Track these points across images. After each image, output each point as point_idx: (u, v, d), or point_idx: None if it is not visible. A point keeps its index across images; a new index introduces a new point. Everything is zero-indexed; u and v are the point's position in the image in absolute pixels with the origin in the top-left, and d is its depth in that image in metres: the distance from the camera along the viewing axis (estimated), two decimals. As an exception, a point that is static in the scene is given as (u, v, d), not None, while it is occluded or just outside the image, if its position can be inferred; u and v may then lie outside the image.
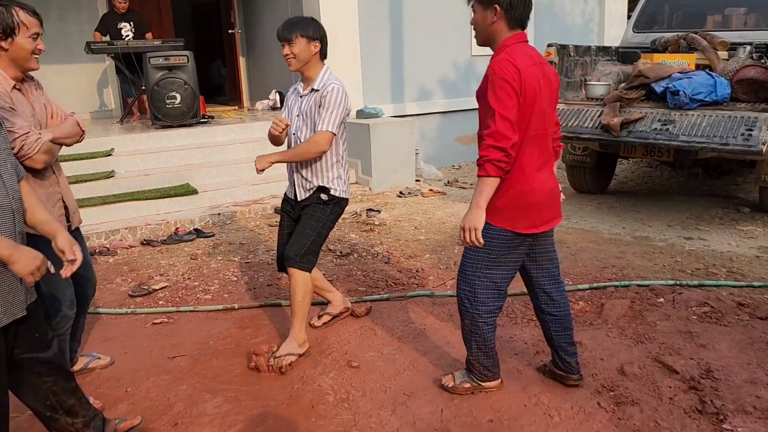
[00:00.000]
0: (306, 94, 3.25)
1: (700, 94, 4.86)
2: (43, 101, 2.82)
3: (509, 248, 2.61)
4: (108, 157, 6.35)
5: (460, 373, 2.90)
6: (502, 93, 2.39)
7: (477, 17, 2.54)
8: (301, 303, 3.21)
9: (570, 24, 9.69)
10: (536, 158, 2.56)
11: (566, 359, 2.86)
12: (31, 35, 2.59)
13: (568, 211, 5.92)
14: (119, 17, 8.15)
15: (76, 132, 2.85)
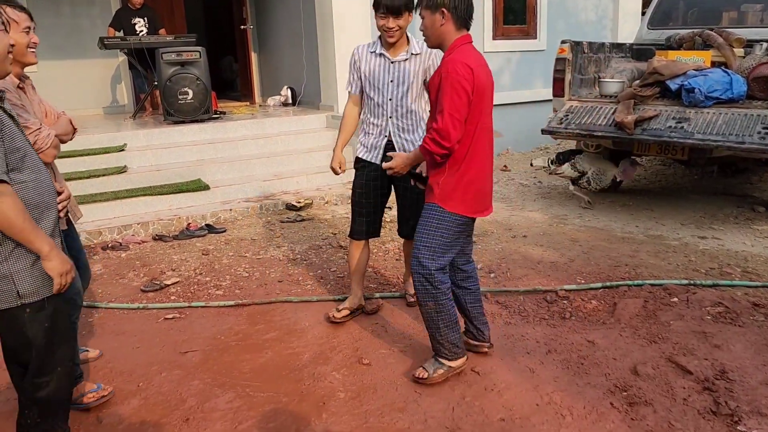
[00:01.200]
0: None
1: (716, 91, 4.81)
2: (37, 100, 2.85)
3: (460, 232, 2.86)
4: (120, 153, 6.38)
5: (430, 363, 2.97)
6: (454, 94, 2.61)
7: (426, 22, 2.73)
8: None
9: (583, 20, 9.61)
10: (486, 149, 2.82)
11: (480, 328, 3.13)
12: (23, 30, 2.61)
13: (580, 209, 5.88)
14: (133, 12, 8.17)
15: (69, 130, 2.89)
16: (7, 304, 2.04)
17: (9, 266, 2.02)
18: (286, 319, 3.70)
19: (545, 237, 5.06)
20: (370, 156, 3.50)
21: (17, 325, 2.09)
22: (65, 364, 2.24)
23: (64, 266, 2.08)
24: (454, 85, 2.61)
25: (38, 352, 2.13)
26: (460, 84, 2.61)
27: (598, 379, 2.90)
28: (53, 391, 2.20)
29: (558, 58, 5.70)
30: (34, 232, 2.00)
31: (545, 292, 3.90)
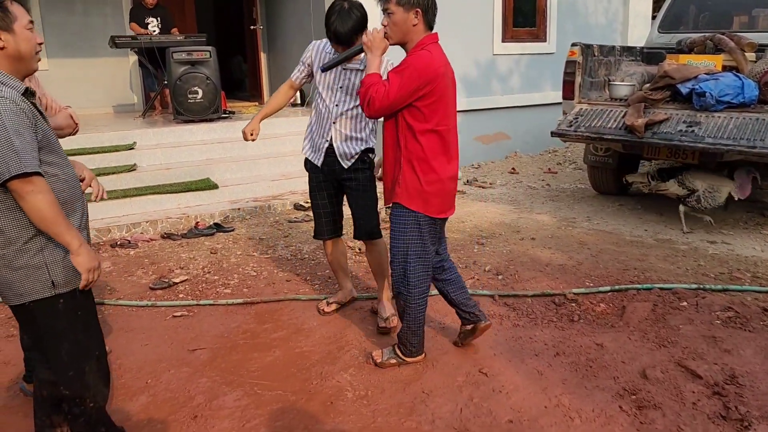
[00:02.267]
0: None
1: (727, 95, 4.78)
2: (39, 94, 2.89)
3: (431, 232, 2.90)
4: (130, 151, 6.40)
5: (388, 350, 3.11)
6: (407, 81, 2.63)
7: (397, 18, 2.69)
8: (385, 265, 3.52)
9: (593, 23, 9.59)
10: (453, 149, 2.85)
11: (472, 311, 3.16)
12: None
13: (589, 212, 5.87)
14: (148, 11, 8.22)
15: (68, 124, 2.88)
16: (42, 294, 2.06)
17: (44, 257, 2.05)
18: (294, 318, 3.70)
19: (553, 240, 5.05)
20: (315, 158, 3.53)
21: (53, 315, 2.11)
22: (100, 353, 2.27)
23: (92, 262, 2.10)
24: (412, 75, 2.64)
25: (72, 342, 2.16)
26: (418, 77, 2.64)
27: (606, 382, 2.89)
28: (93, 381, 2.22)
29: (568, 60, 5.68)
30: (65, 226, 2.03)
31: (554, 295, 3.89)
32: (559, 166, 8.19)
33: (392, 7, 2.67)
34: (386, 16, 2.71)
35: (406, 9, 2.67)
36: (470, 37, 8.22)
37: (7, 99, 1.94)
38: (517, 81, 8.91)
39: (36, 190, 1.95)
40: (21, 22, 2.04)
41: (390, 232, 2.93)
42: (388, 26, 2.72)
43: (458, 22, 8.12)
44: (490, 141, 8.57)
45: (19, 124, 1.93)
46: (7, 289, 2.07)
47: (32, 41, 2.08)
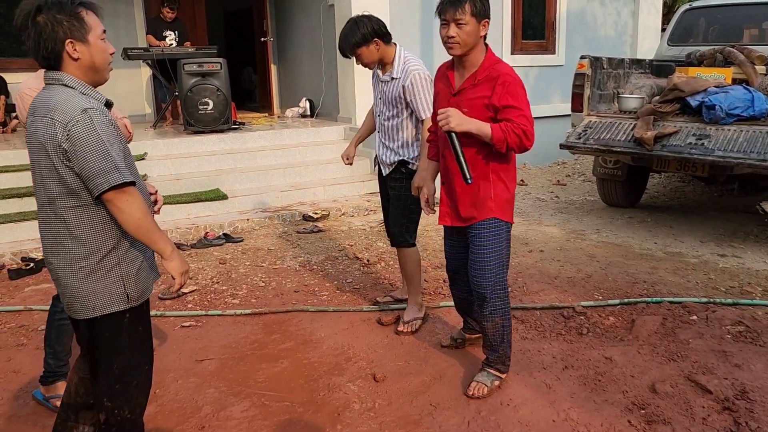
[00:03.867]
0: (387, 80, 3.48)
1: (737, 108, 4.77)
2: None
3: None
4: (141, 161, 6.46)
5: (486, 377, 2.97)
6: (523, 94, 2.69)
7: (470, 29, 2.62)
8: (412, 273, 3.66)
9: (602, 36, 9.60)
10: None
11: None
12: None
13: (598, 224, 5.85)
14: (166, 25, 8.33)
15: (124, 134, 3.02)
16: (114, 308, 2.04)
17: (121, 270, 2.04)
18: (302, 329, 3.71)
19: (562, 252, 5.03)
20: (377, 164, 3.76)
21: (117, 330, 2.08)
22: (149, 367, 2.24)
23: (184, 266, 2.13)
24: (521, 87, 2.68)
25: (127, 358, 2.12)
26: (523, 87, 2.70)
27: (615, 396, 2.87)
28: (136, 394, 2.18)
29: (577, 73, 5.69)
30: (158, 233, 2.03)
31: (562, 308, 3.88)
32: (568, 178, 8.18)
33: (467, 18, 2.60)
34: (455, 28, 2.61)
35: (478, 20, 2.63)
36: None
37: (98, 110, 1.91)
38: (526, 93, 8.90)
39: (132, 200, 1.94)
40: (96, 32, 1.98)
41: (480, 249, 2.81)
42: (457, 36, 2.62)
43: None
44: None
45: (111, 135, 1.92)
46: (78, 301, 2.02)
47: (106, 52, 2.03)
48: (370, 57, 3.37)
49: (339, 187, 6.77)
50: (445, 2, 2.63)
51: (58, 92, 1.92)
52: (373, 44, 3.33)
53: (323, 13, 8.28)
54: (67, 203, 1.95)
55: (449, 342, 3.40)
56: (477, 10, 2.60)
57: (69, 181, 1.91)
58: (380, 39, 3.34)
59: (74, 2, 1.93)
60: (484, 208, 2.78)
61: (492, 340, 2.94)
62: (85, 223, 1.97)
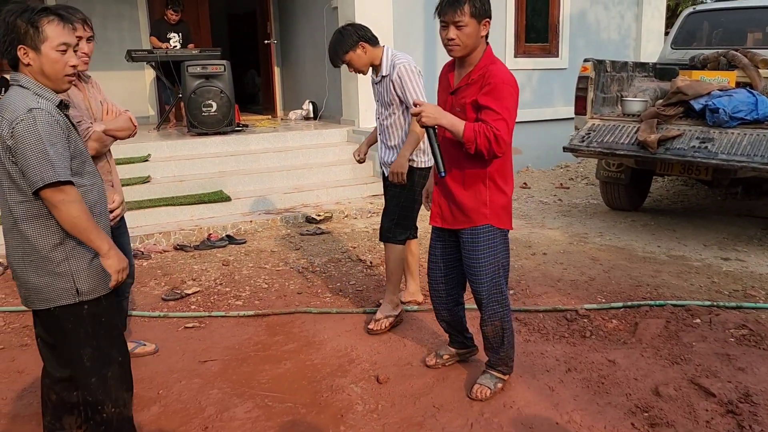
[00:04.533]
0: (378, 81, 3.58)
1: (741, 112, 4.77)
2: (100, 99, 3.05)
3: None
4: (145, 163, 6.47)
5: (489, 379, 2.96)
6: (511, 100, 2.58)
7: (470, 30, 2.57)
8: (392, 271, 3.69)
9: (605, 39, 9.60)
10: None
11: (469, 336, 3.21)
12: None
13: (601, 227, 5.85)
14: (170, 27, 8.36)
15: (128, 126, 3.08)
16: (67, 300, 2.12)
17: (69, 265, 2.11)
18: (305, 331, 3.71)
19: (565, 255, 5.03)
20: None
21: (77, 321, 2.16)
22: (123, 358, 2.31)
23: (120, 263, 2.17)
24: (512, 92, 2.58)
25: (95, 348, 2.20)
26: (516, 92, 2.61)
27: (618, 399, 2.86)
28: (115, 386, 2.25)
29: (581, 76, 5.70)
30: (96, 231, 2.10)
31: (565, 310, 3.87)
32: (571, 181, 8.18)
33: (466, 19, 2.55)
34: (455, 30, 2.56)
35: (478, 20, 2.57)
36: (483, 52, 8.26)
37: (44, 110, 2.00)
38: (529, 96, 8.92)
39: (68, 199, 2.02)
40: (52, 43, 2.03)
41: (474, 254, 2.77)
42: (457, 38, 2.57)
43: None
44: (502, 155, 8.56)
45: (53, 135, 2.00)
46: (34, 293, 2.13)
47: (59, 63, 2.06)
48: (359, 62, 3.47)
49: (342, 189, 6.77)
50: (444, 3, 2.58)
51: (13, 92, 2.05)
52: (359, 48, 3.44)
53: (327, 16, 8.29)
54: (15, 198, 2.05)
55: (434, 361, 3.20)
56: (477, 11, 2.54)
57: (15, 177, 2.02)
58: (366, 42, 3.44)
59: (38, 11, 2.02)
60: (478, 213, 2.73)
61: (492, 343, 2.93)
62: (32, 218, 2.06)
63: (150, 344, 3.49)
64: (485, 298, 2.82)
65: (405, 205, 3.63)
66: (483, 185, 2.71)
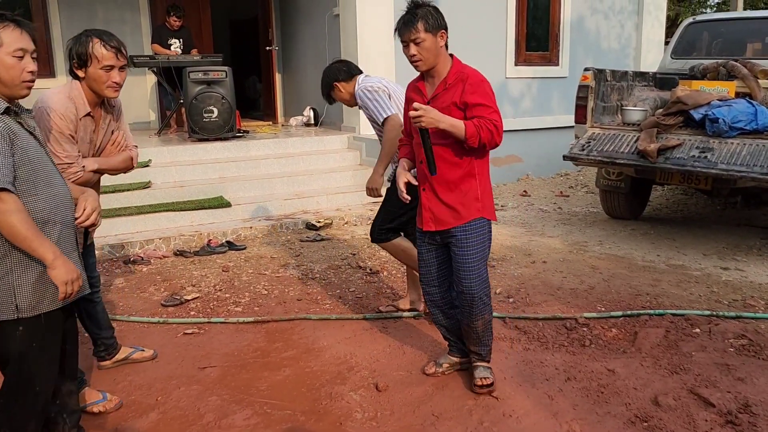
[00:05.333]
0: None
1: (740, 122, 4.78)
2: (113, 128, 2.98)
3: None
4: (145, 168, 6.48)
5: (485, 370, 3.05)
6: (492, 96, 2.79)
7: (428, 44, 2.76)
8: (404, 260, 3.76)
9: (606, 48, 9.64)
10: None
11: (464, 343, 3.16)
12: (103, 67, 2.72)
13: (601, 236, 5.85)
14: (171, 33, 8.39)
15: (125, 167, 3.04)
16: (5, 316, 2.05)
17: (12, 279, 2.05)
18: (305, 338, 3.71)
19: (565, 263, 5.03)
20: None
21: (8, 339, 2.09)
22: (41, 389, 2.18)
23: (69, 274, 2.08)
24: (490, 89, 2.80)
25: (14, 373, 2.12)
26: (491, 89, 2.81)
27: (618, 409, 2.86)
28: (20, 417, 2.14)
29: (581, 85, 5.71)
30: (38, 240, 2.02)
31: (565, 319, 3.87)
32: (571, 189, 8.19)
33: (422, 35, 2.74)
34: (414, 46, 2.76)
35: (434, 33, 2.76)
36: (483, 60, 8.25)
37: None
38: (530, 104, 8.95)
39: (4, 208, 1.94)
40: (7, 49, 2.03)
41: (466, 250, 2.86)
42: (418, 54, 2.77)
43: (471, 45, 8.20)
44: (502, 163, 8.59)
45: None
46: None
47: (15, 69, 2.05)
48: (341, 98, 3.78)
49: (342, 195, 6.78)
50: (400, 25, 2.80)
51: None
52: (335, 89, 3.74)
53: (329, 23, 8.32)
54: None
55: (434, 369, 3.21)
56: (430, 25, 2.74)
57: None
58: (339, 82, 3.72)
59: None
60: (471, 208, 2.85)
61: (482, 336, 3.01)
62: None
63: (149, 350, 3.48)
64: (477, 292, 2.89)
65: (390, 210, 3.65)
66: (474, 181, 2.86)
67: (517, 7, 8.58)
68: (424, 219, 2.94)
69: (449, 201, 2.85)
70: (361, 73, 3.77)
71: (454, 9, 8.19)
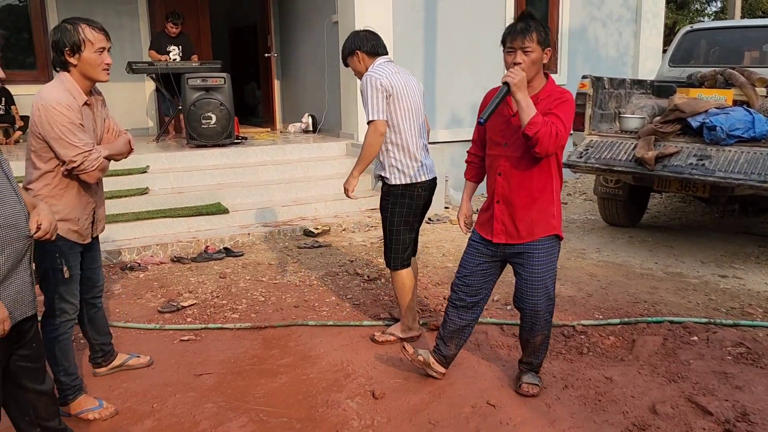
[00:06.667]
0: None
1: (738, 130, 4.79)
2: (104, 116, 3.00)
3: None
4: (143, 174, 6.47)
5: (534, 378, 3.10)
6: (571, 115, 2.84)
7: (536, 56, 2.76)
8: (400, 296, 3.62)
9: (604, 56, 9.67)
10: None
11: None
12: (96, 50, 2.74)
13: (599, 243, 5.85)
14: (170, 39, 8.41)
15: (126, 150, 3.09)
16: None
17: None
18: (302, 345, 3.69)
19: (562, 271, 5.02)
20: None
21: None
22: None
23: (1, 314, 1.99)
24: (572, 109, 2.82)
25: None
26: (574, 111, 2.87)
27: (615, 417, 2.85)
28: None
29: (579, 92, 5.72)
30: None
31: (562, 326, 3.86)
32: (569, 196, 8.19)
33: (533, 45, 2.72)
34: (522, 54, 2.73)
35: (542, 48, 2.76)
36: (481, 68, 8.30)
37: None
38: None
39: None
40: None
41: (537, 267, 2.87)
42: (524, 64, 2.73)
43: (470, 53, 8.22)
44: (500, 170, 8.57)
45: None
46: None
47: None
48: (355, 67, 3.61)
49: (340, 202, 6.77)
50: (514, 30, 2.75)
51: None
52: (355, 55, 3.58)
53: (327, 30, 8.34)
54: None
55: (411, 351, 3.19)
56: (542, 38, 2.74)
57: None
58: (361, 52, 3.55)
59: None
60: (548, 225, 2.87)
61: (538, 349, 3.06)
62: None
63: (144, 356, 3.46)
64: (542, 310, 2.92)
65: (390, 229, 3.56)
66: (551, 198, 2.87)
67: (515, 14, 8.61)
68: (495, 230, 2.91)
69: (531, 214, 2.85)
70: (385, 55, 3.60)
71: (451, 16, 8.23)
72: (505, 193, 2.87)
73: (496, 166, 2.89)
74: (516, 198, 2.85)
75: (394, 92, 3.43)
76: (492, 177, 2.93)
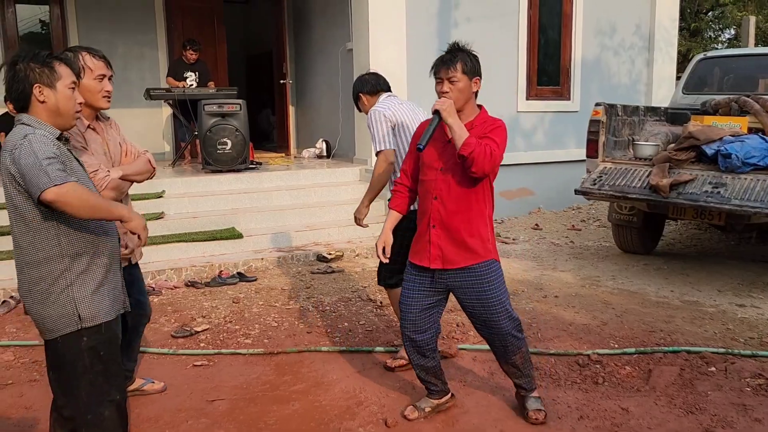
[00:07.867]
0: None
1: (754, 158, 4.77)
2: (119, 140, 3.08)
3: None
4: (159, 199, 6.54)
5: (536, 401, 3.08)
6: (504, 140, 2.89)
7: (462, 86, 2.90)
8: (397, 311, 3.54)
9: (617, 83, 9.69)
10: None
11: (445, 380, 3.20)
12: (96, 77, 2.82)
13: (613, 271, 5.80)
14: (187, 66, 8.56)
15: (147, 169, 3.11)
16: (68, 328, 2.16)
17: (72, 292, 2.16)
18: (314, 371, 3.68)
19: (577, 298, 4.99)
20: None
21: (76, 352, 2.19)
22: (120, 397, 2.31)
23: (142, 222, 2.29)
24: (504, 135, 2.87)
25: (90, 383, 2.21)
26: (506, 138, 2.91)
27: (632, 449, 2.80)
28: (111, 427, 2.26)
29: (592, 119, 5.74)
30: (110, 206, 2.22)
31: (577, 355, 3.82)
32: (583, 223, 8.15)
33: (458, 75, 2.84)
34: (448, 84, 2.86)
35: (469, 77, 2.87)
36: (495, 94, 8.31)
37: (40, 135, 2.10)
38: (541, 138, 8.98)
39: (71, 190, 2.04)
40: (65, 82, 2.21)
41: (490, 291, 2.88)
42: (451, 93, 2.85)
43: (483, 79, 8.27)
44: (514, 196, 8.58)
45: (50, 152, 2.07)
46: (41, 324, 2.20)
47: (72, 100, 2.24)
48: (365, 109, 3.79)
49: (354, 228, 6.74)
50: (441, 61, 2.90)
51: (16, 130, 2.14)
52: (360, 100, 3.81)
53: (342, 57, 8.45)
54: (21, 229, 2.14)
55: (416, 414, 3.09)
56: (468, 68, 2.85)
57: (20, 206, 2.11)
58: (363, 94, 3.79)
59: (48, 55, 2.20)
60: (484, 249, 2.90)
61: (522, 369, 3.03)
62: (36, 248, 2.15)
63: (159, 382, 3.47)
64: (507, 329, 2.92)
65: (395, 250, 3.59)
66: (484, 224, 2.91)
67: (528, 43, 8.67)
68: (432, 256, 2.88)
69: (467, 238, 2.85)
70: (387, 91, 3.79)
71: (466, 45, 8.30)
72: (442, 216, 2.86)
73: (432, 190, 2.89)
74: (452, 221, 2.86)
75: (399, 122, 3.57)
76: (427, 202, 2.92)
